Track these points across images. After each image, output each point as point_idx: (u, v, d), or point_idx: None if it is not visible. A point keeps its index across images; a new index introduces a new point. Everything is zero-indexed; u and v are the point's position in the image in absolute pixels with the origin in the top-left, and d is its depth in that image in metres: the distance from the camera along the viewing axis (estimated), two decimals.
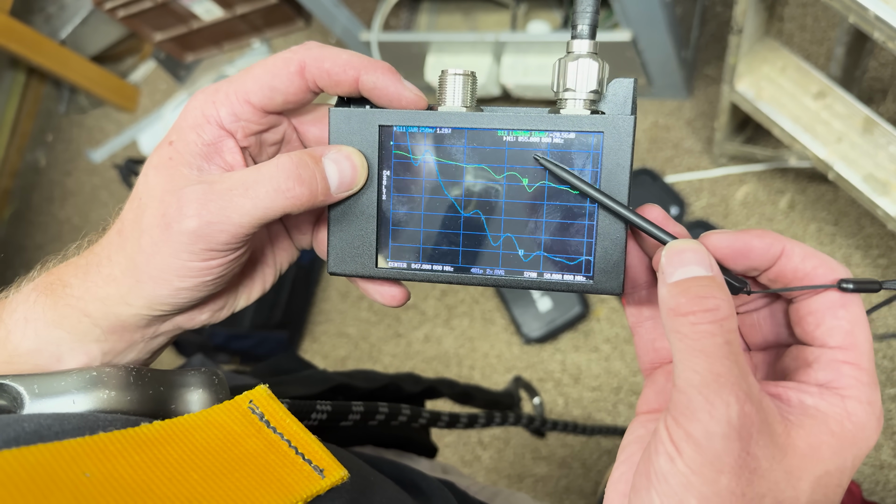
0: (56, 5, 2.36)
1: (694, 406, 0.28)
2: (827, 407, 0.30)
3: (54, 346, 0.36)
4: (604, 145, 0.36)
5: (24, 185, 2.61)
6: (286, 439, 0.33)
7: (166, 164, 0.36)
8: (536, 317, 1.61)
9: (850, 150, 1.18)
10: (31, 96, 2.61)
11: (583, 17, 0.35)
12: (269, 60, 0.36)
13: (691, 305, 0.29)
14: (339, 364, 1.84)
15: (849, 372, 0.31)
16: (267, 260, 0.43)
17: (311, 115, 0.41)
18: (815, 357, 0.32)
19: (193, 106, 0.37)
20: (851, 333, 0.31)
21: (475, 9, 1.85)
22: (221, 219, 0.34)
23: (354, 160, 0.38)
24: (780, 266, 0.33)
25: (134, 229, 0.35)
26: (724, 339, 0.29)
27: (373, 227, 0.39)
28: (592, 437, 1.51)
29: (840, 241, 1.43)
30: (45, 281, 0.37)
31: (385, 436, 0.66)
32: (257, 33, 2.32)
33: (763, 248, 0.33)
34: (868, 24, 0.88)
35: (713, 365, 0.28)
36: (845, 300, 0.31)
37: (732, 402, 0.28)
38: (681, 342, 0.29)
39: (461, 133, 0.37)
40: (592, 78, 0.35)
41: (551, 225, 0.37)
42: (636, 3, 1.34)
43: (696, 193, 1.59)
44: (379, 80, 0.37)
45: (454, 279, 0.39)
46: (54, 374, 0.34)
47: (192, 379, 0.37)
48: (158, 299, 0.36)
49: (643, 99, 1.70)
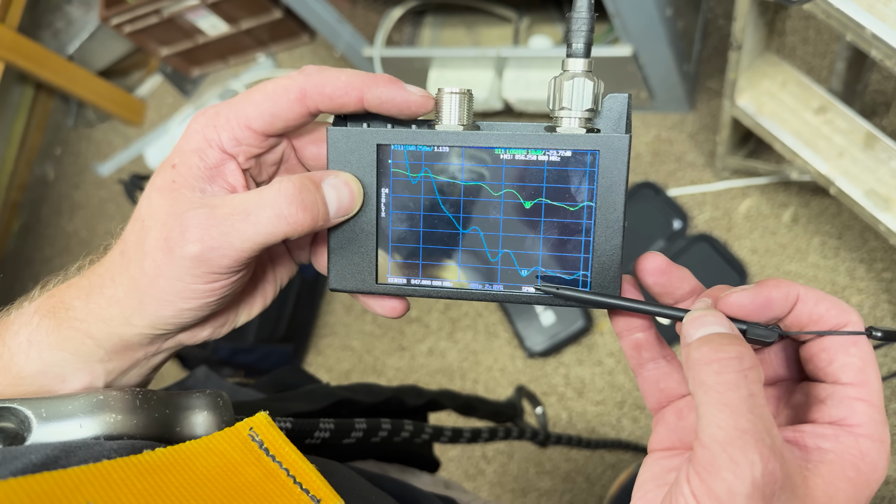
0: (64, 21, 2.38)
1: (718, 463, 0.28)
2: (843, 450, 0.31)
3: (58, 367, 0.36)
4: (599, 163, 0.36)
5: (33, 198, 2.62)
6: (284, 468, 0.33)
7: (169, 186, 0.36)
8: (540, 330, 1.61)
9: (851, 165, 1.19)
10: (40, 110, 2.63)
11: (578, 35, 0.36)
12: (270, 86, 0.37)
13: (715, 353, 0.30)
14: (343, 377, 1.85)
15: (862, 409, 0.31)
16: (267, 276, 0.44)
17: (309, 135, 0.41)
18: (828, 394, 0.32)
19: (195, 129, 0.37)
20: (863, 371, 0.32)
21: (478, 23, 1.87)
22: (223, 244, 0.34)
23: (352, 186, 0.38)
24: (797, 311, 0.34)
25: (137, 251, 0.36)
26: (749, 392, 0.28)
27: (372, 244, 0.40)
28: (596, 452, 1.51)
29: (844, 255, 1.43)
30: (48, 303, 0.37)
31: (387, 450, 0.67)
32: (262, 48, 2.34)
33: (781, 297, 0.33)
34: (865, 42, 0.89)
35: (738, 420, 0.28)
36: (856, 338, 0.32)
37: (757, 460, 0.27)
38: (705, 395, 0.29)
39: (458, 151, 0.38)
40: (588, 96, 0.36)
41: (548, 241, 0.38)
42: (637, 17, 1.34)
43: (699, 207, 1.59)
44: (384, 94, 0.37)
45: (453, 294, 0.40)
46: (61, 397, 0.35)
47: (197, 401, 0.38)
48: (162, 320, 0.37)
49: (645, 112, 1.71)
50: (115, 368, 0.38)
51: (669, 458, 0.36)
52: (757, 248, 1.51)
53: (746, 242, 1.52)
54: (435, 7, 1.91)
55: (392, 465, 0.68)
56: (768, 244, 1.50)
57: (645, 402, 0.40)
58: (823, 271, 1.44)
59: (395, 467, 0.68)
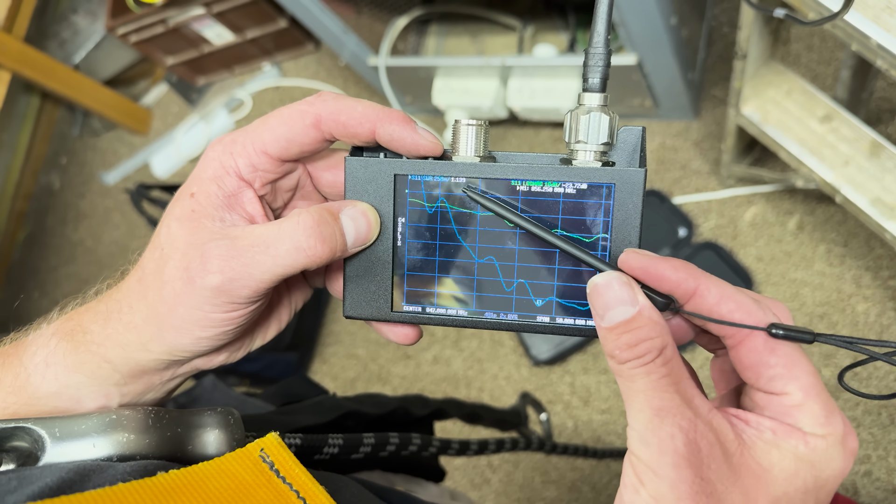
0: (70, 31, 2.39)
1: (644, 444, 0.30)
2: (782, 429, 0.31)
3: (74, 389, 0.37)
4: (615, 197, 0.37)
5: (39, 207, 2.63)
6: (295, 490, 0.34)
7: (189, 216, 0.36)
8: (545, 339, 1.61)
9: (857, 173, 1.19)
10: (46, 120, 2.64)
11: (594, 70, 0.37)
12: (286, 112, 0.37)
13: (625, 355, 0.31)
14: (348, 385, 1.85)
15: (800, 415, 0.31)
16: (283, 301, 0.44)
17: (325, 161, 0.42)
18: (766, 403, 0.32)
19: (212, 157, 0.37)
20: (790, 377, 0.31)
21: (482, 32, 1.87)
22: (243, 275, 0.35)
23: (370, 216, 0.39)
24: (695, 304, 0.33)
25: (155, 279, 0.36)
26: (659, 375, 0.31)
27: (388, 272, 0.40)
28: (602, 461, 1.51)
29: (850, 263, 1.43)
30: (66, 326, 0.38)
31: (394, 460, 0.67)
32: (268, 56, 2.35)
33: (675, 281, 0.33)
34: (871, 52, 0.89)
35: (652, 400, 0.30)
36: (772, 344, 0.31)
37: (676, 432, 0.29)
38: (623, 384, 0.32)
39: (474, 182, 0.38)
40: (604, 131, 0.37)
41: (563, 271, 0.38)
42: (641, 26, 1.35)
43: (704, 214, 1.59)
44: (395, 132, 0.37)
45: (468, 323, 0.40)
46: (74, 417, 0.35)
47: (209, 420, 0.38)
48: (179, 347, 0.37)
49: (650, 120, 1.71)
50: (130, 392, 0.38)
51: None
52: (762, 255, 1.51)
53: (752, 250, 1.52)
54: (439, 16, 1.92)
55: (398, 475, 0.68)
56: (774, 252, 1.50)
57: None
58: (829, 279, 1.44)
59: (402, 477, 0.68)
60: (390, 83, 1.81)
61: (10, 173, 2.52)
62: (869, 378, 1.36)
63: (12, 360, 0.37)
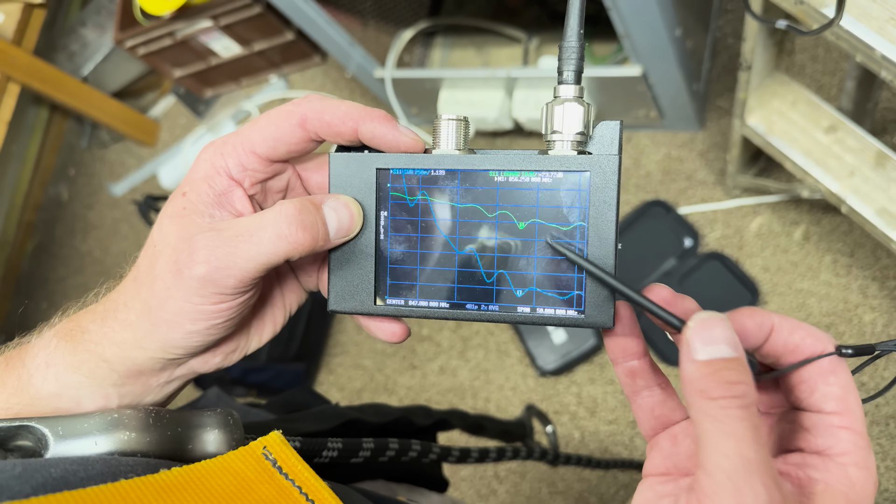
0: (79, 43, 2.41)
1: (722, 491, 0.28)
2: (832, 480, 0.31)
3: (74, 389, 0.37)
4: (591, 184, 0.37)
5: (47, 218, 2.65)
6: (297, 486, 0.34)
7: (180, 213, 0.37)
8: (551, 349, 1.61)
9: (862, 183, 1.18)
10: (54, 131, 2.67)
11: (568, 63, 0.38)
12: (273, 113, 0.38)
13: (721, 391, 0.29)
14: (354, 395, 1.85)
15: (846, 437, 0.31)
16: (276, 302, 0.45)
17: (313, 163, 0.43)
18: (812, 423, 0.32)
19: (203, 159, 0.39)
20: (844, 399, 0.32)
21: (488, 44, 1.88)
22: (228, 264, 0.36)
23: (352, 208, 0.40)
24: (772, 341, 0.33)
25: (148, 275, 0.37)
26: (752, 424, 0.29)
27: (371, 266, 0.41)
28: (609, 471, 1.50)
29: (856, 273, 1.43)
30: (66, 327, 0.38)
31: (396, 470, 0.67)
32: (275, 69, 2.36)
33: (755, 326, 0.33)
34: (875, 63, 0.89)
35: (742, 450, 0.28)
36: (834, 366, 0.32)
37: (761, 489, 0.28)
38: (710, 424, 0.29)
39: (454, 174, 0.39)
40: (578, 120, 0.37)
41: (542, 261, 0.39)
42: (646, 37, 1.35)
43: (710, 225, 1.59)
44: (376, 129, 0.39)
45: (450, 315, 0.40)
46: (77, 416, 0.36)
47: (209, 420, 0.39)
48: (172, 342, 0.37)
49: (655, 131, 1.71)
50: (128, 393, 0.39)
51: (664, 483, 0.37)
52: (769, 266, 1.50)
53: (758, 260, 1.52)
54: (445, 28, 1.93)
55: (401, 484, 0.68)
56: (780, 262, 1.50)
57: (639, 428, 0.40)
58: (835, 289, 1.43)
59: (405, 487, 0.68)
60: (396, 95, 1.82)
61: (20, 184, 2.54)
62: (868, 382, 1.35)
63: (15, 362, 0.38)
